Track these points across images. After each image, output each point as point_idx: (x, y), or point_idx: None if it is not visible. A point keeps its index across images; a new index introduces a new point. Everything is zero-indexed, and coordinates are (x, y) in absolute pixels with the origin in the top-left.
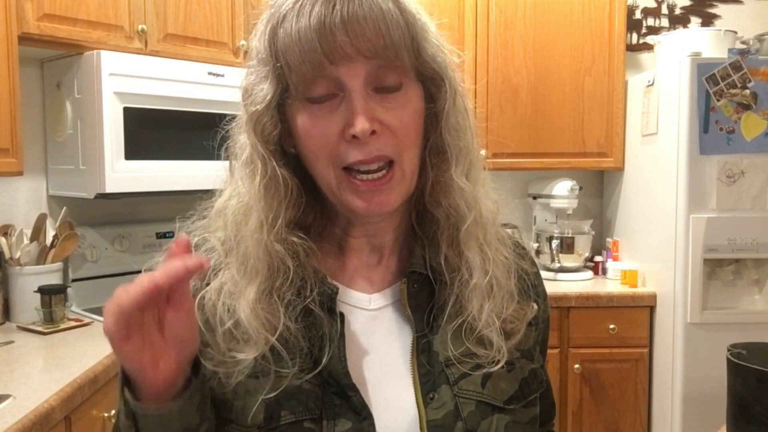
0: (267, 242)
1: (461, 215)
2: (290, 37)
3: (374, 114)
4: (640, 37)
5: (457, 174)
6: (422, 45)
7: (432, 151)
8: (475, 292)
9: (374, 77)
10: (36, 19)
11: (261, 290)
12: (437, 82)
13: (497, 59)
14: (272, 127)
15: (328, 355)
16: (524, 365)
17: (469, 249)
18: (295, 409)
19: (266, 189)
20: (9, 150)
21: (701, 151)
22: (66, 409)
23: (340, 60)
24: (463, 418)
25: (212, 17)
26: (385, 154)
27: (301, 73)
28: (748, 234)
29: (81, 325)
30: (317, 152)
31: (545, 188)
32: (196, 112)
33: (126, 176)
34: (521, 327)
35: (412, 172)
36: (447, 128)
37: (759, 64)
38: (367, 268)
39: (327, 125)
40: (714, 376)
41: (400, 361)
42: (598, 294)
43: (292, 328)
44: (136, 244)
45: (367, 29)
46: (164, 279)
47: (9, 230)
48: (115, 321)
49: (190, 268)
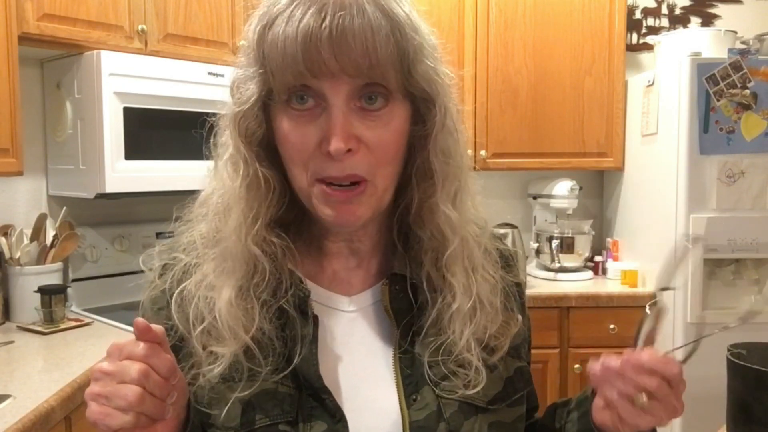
0: (245, 243)
1: (445, 239)
2: (275, 44)
3: (353, 130)
4: (640, 37)
5: (443, 200)
6: (414, 65)
7: (419, 173)
8: (458, 316)
9: (358, 94)
10: (36, 19)
11: (237, 289)
12: (427, 103)
13: (497, 59)
14: (256, 126)
15: (300, 356)
16: (510, 364)
17: (453, 274)
18: (270, 412)
19: (248, 190)
20: (9, 150)
21: (701, 151)
22: (66, 409)
23: (323, 76)
24: (446, 418)
25: (212, 17)
26: (358, 173)
27: (284, 80)
28: (748, 234)
29: (81, 325)
30: (294, 158)
31: (545, 188)
32: (196, 112)
33: (126, 176)
34: (505, 343)
35: (385, 188)
36: (435, 152)
37: (759, 64)
38: (347, 272)
39: (305, 134)
40: (714, 376)
41: (381, 362)
42: (598, 294)
43: (266, 328)
44: (136, 244)
45: (354, 48)
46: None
47: (9, 230)
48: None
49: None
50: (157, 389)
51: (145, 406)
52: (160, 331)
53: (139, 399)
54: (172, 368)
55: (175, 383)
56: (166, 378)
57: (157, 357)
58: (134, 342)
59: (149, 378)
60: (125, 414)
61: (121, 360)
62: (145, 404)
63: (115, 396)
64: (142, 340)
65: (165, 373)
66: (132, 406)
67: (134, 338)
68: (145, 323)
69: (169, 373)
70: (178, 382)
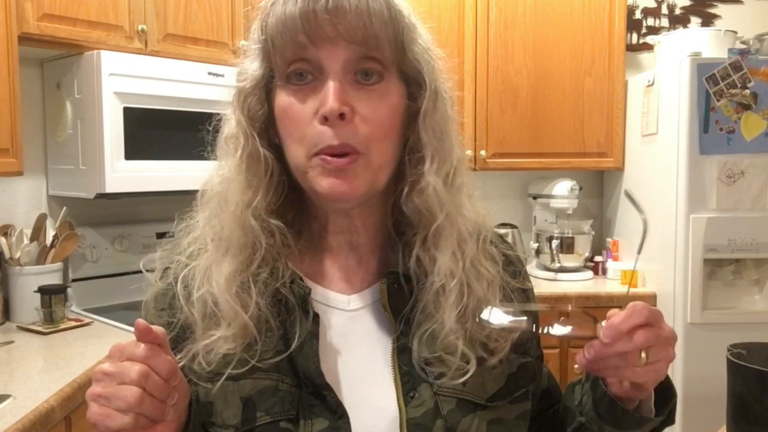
0: (243, 217)
1: (432, 216)
2: (276, 18)
3: (347, 99)
4: (640, 37)
5: (431, 173)
6: (407, 43)
7: (411, 152)
8: (443, 296)
9: (354, 64)
10: (36, 19)
11: (235, 265)
12: (419, 83)
13: (497, 59)
14: (258, 106)
15: (296, 344)
16: (513, 360)
17: (440, 251)
18: (270, 409)
19: (247, 164)
20: (9, 150)
21: (701, 151)
22: (66, 409)
23: (321, 41)
24: (443, 415)
25: (212, 17)
26: (352, 144)
27: (284, 53)
28: (748, 234)
29: (81, 325)
30: (291, 131)
31: (545, 188)
32: (197, 112)
33: (126, 176)
34: (505, 346)
35: (380, 164)
36: (424, 127)
37: (759, 64)
38: (347, 270)
39: (303, 107)
40: (714, 376)
41: (379, 360)
42: (598, 294)
43: (263, 307)
44: (136, 244)
45: (350, 16)
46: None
47: (9, 230)
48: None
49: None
50: (157, 390)
51: (144, 407)
52: (160, 332)
53: (138, 400)
54: (172, 369)
55: (175, 384)
56: (166, 379)
57: (157, 358)
58: (135, 343)
59: (149, 379)
60: (125, 415)
61: (122, 361)
62: (144, 405)
63: (115, 397)
64: (143, 341)
65: (165, 375)
66: (131, 407)
67: (135, 339)
68: (146, 324)
69: (169, 374)
70: (178, 384)
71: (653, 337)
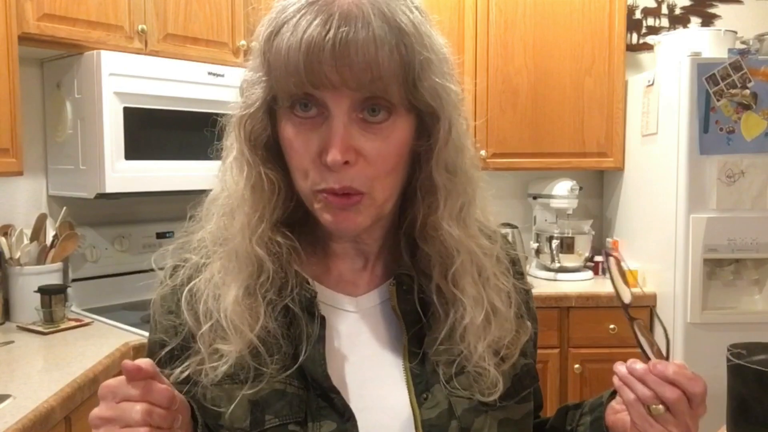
0: (250, 245)
1: (450, 256)
2: (279, 53)
3: (352, 142)
4: (640, 37)
5: (445, 217)
6: (419, 79)
7: (423, 187)
8: (471, 329)
9: (360, 106)
10: (36, 19)
11: (243, 288)
12: (432, 117)
13: (497, 59)
14: (261, 129)
15: (305, 354)
16: (517, 361)
17: (462, 288)
18: (279, 412)
19: (252, 192)
20: (9, 150)
21: (701, 151)
22: (66, 409)
23: (324, 87)
24: (458, 416)
25: (212, 17)
26: (355, 186)
27: (288, 89)
28: (748, 234)
29: (81, 325)
30: (296, 165)
31: (545, 188)
32: (196, 112)
33: (126, 176)
34: (516, 352)
35: (384, 199)
36: (437, 167)
37: (759, 64)
38: (353, 272)
39: (306, 143)
40: (714, 376)
41: (389, 361)
42: (598, 294)
43: (271, 327)
44: (136, 244)
45: (356, 61)
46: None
47: (9, 230)
48: None
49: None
50: (163, 421)
51: None
52: (149, 364)
53: None
54: (170, 397)
55: (176, 407)
56: (167, 408)
57: (154, 392)
58: (126, 384)
59: (153, 415)
60: None
61: (117, 403)
62: None
63: None
64: (135, 380)
65: (166, 404)
66: None
67: (123, 378)
68: (134, 364)
69: (169, 402)
70: (179, 405)
71: (680, 408)
